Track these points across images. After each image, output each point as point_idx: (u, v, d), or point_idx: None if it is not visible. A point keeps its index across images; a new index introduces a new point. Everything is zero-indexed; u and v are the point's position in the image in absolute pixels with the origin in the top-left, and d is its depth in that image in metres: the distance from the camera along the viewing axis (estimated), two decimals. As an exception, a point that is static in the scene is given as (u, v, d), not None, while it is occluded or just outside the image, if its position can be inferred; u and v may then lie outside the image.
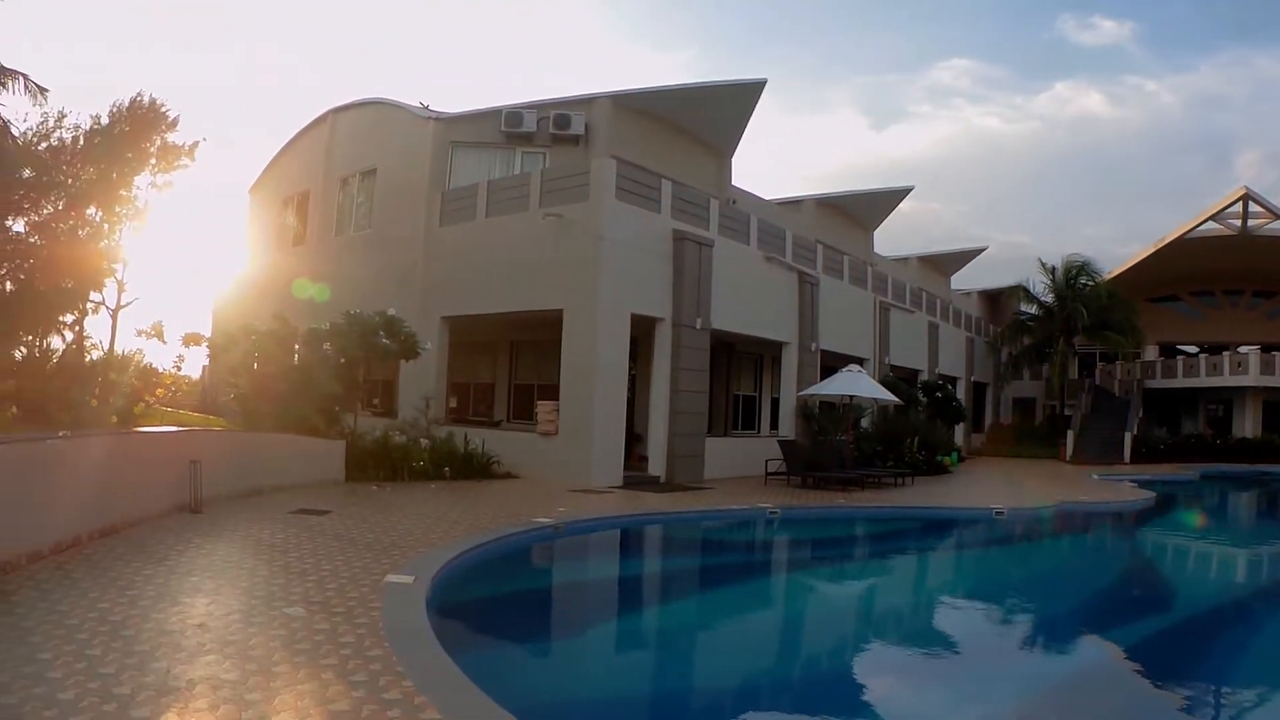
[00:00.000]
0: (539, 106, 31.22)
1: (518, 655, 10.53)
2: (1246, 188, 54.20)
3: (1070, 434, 52.47)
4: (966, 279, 64.77)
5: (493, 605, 13.01)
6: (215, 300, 44.33)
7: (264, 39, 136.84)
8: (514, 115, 30.86)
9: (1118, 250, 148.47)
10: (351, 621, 8.94)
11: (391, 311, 25.24)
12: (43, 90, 27.89)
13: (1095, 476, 38.10)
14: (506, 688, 7.54)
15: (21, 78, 27.33)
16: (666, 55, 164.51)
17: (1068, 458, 50.42)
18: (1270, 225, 56.66)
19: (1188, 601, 17.03)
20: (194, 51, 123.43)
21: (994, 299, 66.58)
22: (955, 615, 15.04)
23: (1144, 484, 34.35)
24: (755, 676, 10.56)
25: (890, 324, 41.63)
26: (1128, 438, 51.81)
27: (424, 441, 24.52)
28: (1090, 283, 54.47)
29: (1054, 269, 55.31)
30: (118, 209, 31.24)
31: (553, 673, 10.14)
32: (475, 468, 24.90)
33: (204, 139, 35.04)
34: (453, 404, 31.19)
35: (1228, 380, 56.84)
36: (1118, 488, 33.09)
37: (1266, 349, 57.94)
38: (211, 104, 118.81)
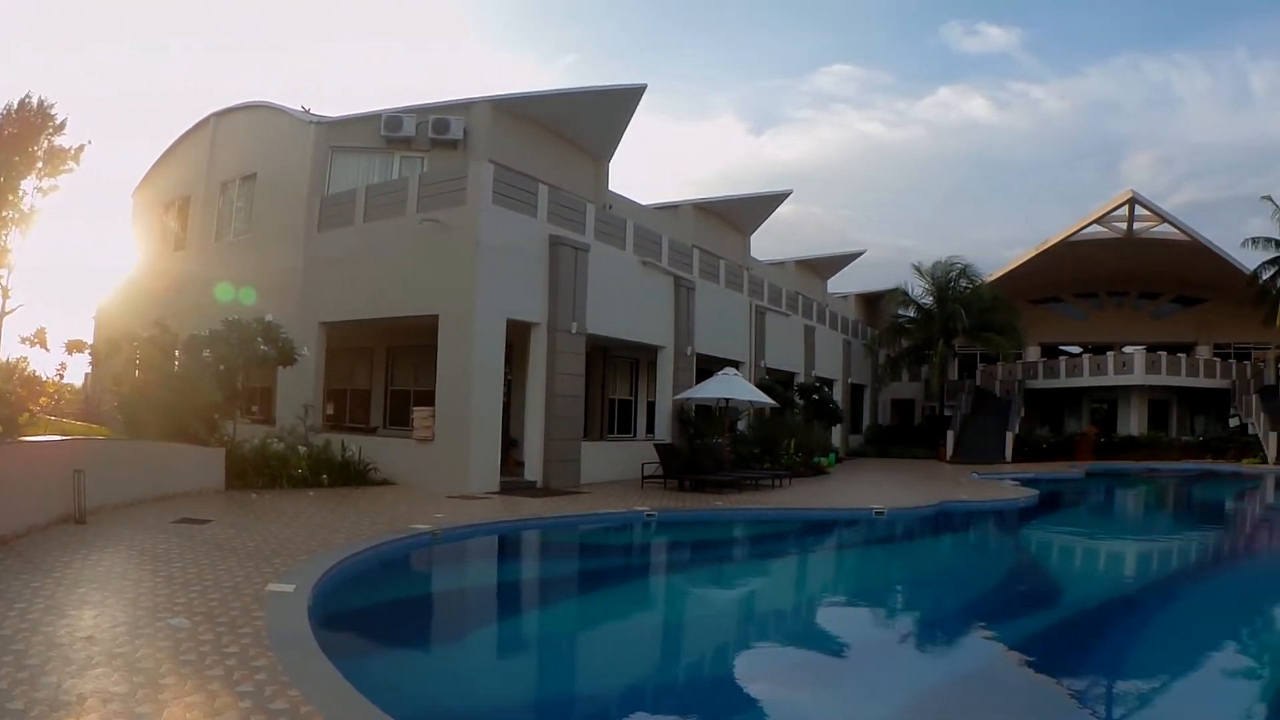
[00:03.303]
0: (419, 111, 31.23)
1: (401, 662, 10.67)
2: (1133, 191, 56.22)
3: (950, 434, 53.58)
4: (846, 282, 65.67)
5: (374, 612, 13.11)
6: (98, 306, 43.62)
7: (152, 40, 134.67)
8: (394, 119, 30.87)
9: (1005, 253, 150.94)
10: (235, 632, 9.05)
11: (269, 317, 25.11)
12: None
13: (975, 476, 39.01)
14: (391, 695, 7.74)
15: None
16: (549, 62, 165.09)
17: (948, 457, 51.50)
18: (1156, 229, 58.55)
19: (1070, 598, 17.45)
20: (78, 51, 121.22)
21: (872, 301, 67.82)
22: (836, 617, 15.32)
23: (1027, 482, 35.19)
24: (636, 681, 10.71)
25: (766, 327, 42.15)
26: (1009, 437, 53.13)
27: (302, 449, 24.49)
28: (969, 285, 55.52)
29: (936, 263, 56.46)
30: (3, 213, 30.69)
31: (435, 679, 10.25)
32: (352, 475, 24.94)
33: (89, 141, 34.55)
34: (330, 411, 30.97)
35: (1112, 379, 58.91)
36: (999, 486, 33.88)
37: (1152, 348, 59.97)
38: (96, 106, 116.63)
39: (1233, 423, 58.21)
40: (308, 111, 32.72)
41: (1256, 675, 11.48)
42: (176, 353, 24.44)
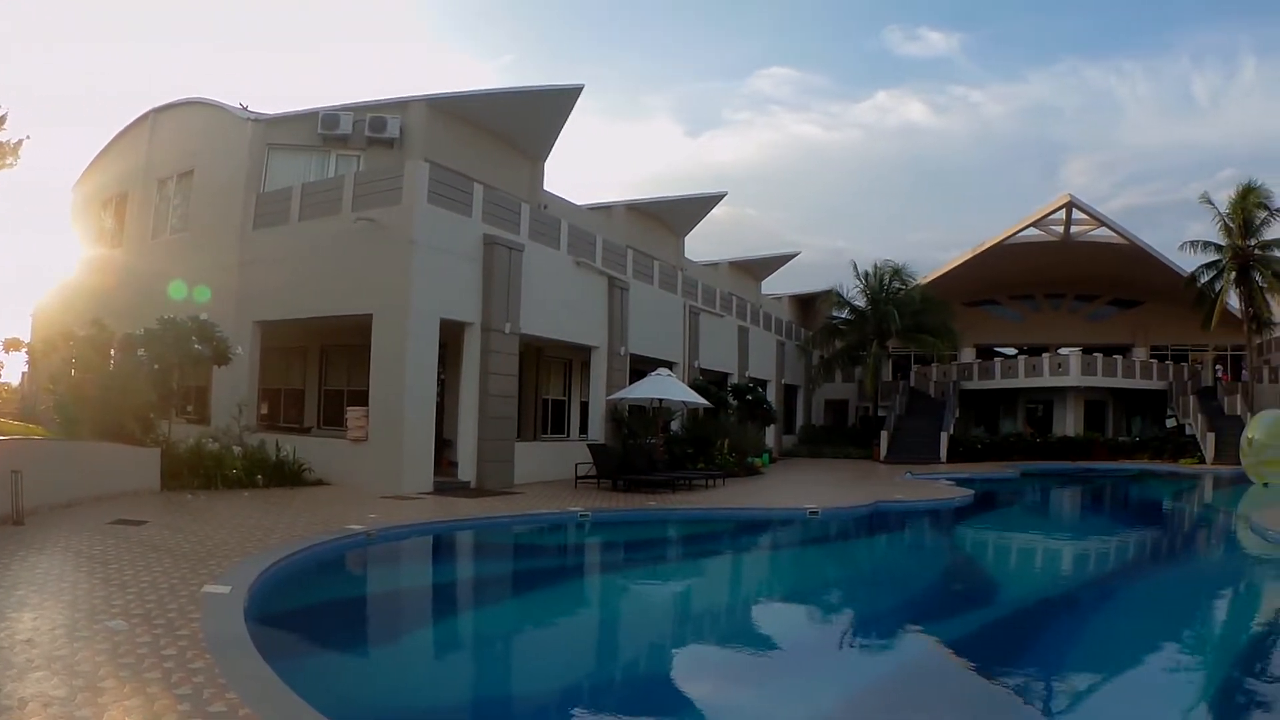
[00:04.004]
0: (355, 109, 31.24)
1: (337, 663, 10.76)
2: (1071, 195, 57.09)
3: (884, 434, 53.96)
4: (780, 283, 65.82)
5: (310, 614, 13.17)
6: (36, 304, 42.88)
7: (98, 36, 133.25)
8: (331, 118, 30.84)
9: (942, 255, 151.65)
10: (173, 634, 9.10)
11: (204, 316, 25.06)
12: None
13: (909, 475, 39.37)
14: (327, 697, 7.84)
15: None
16: (486, 61, 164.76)
17: (882, 458, 51.84)
18: (1094, 232, 59.41)
19: (1003, 596, 17.77)
20: (17, 46, 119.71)
21: (806, 303, 68.04)
22: (769, 616, 15.47)
23: (962, 482, 35.30)
24: (571, 681, 10.82)
25: (700, 328, 42.46)
26: (944, 437, 53.56)
27: (237, 449, 24.46)
28: (901, 287, 55.96)
29: (867, 273, 56.74)
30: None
31: (371, 680, 10.33)
32: (287, 475, 24.92)
33: (28, 137, 33.98)
34: (264, 410, 30.90)
35: (1048, 381, 59.52)
36: (934, 486, 34.12)
37: (1088, 350, 60.79)
38: (36, 102, 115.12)
39: (1169, 423, 58.94)
40: (245, 109, 32.53)
41: (1183, 670, 11.72)
42: (112, 352, 24.35)
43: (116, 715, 6.85)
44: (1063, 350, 63.54)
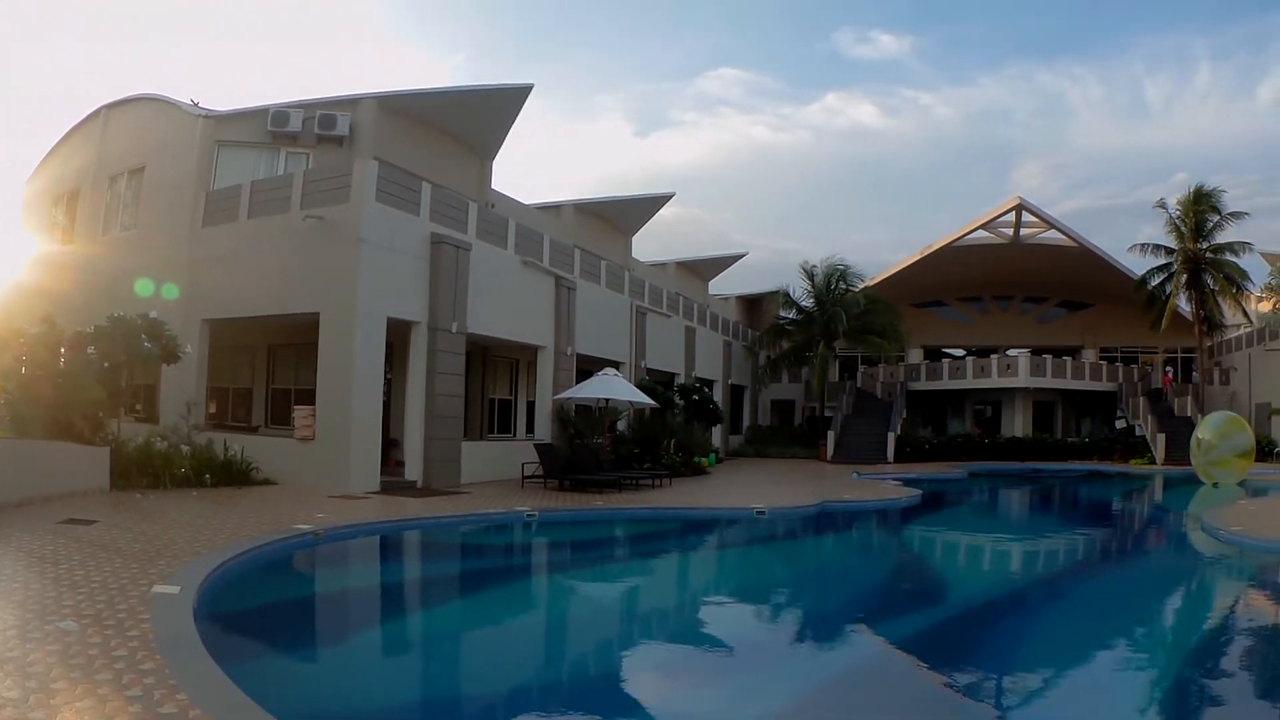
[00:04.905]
0: (305, 106, 31.23)
1: (286, 663, 10.81)
2: (1020, 198, 57.49)
3: (831, 434, 54.23)
4: (728, 284, 66.17)
5: (259, 613, 13.23)
6: None
7: (48, 34, 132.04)
8: (280, 115, 30.85)
9: (891, 257, 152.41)
10: (123, 634, 9.15)
11: (153, 314, 25.02)
12: None
13: (856, 475, 39.75)
14: (277, 697, 7.97)
15: None
16: (438, 60, 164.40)
17: (828, 458, 52.04)
18: (1043, 234, 59.92)
19: (951, 595, 17.93)
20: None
21: (753, 303, 68.19)
22: (715, 616, 15.47)
23: (909, 482, 35.64)
24: (518, 680, 10.89)
25: (647, 328, 42.70)
26: (891, 438, 53.81)
27: (185, 448, 24.46)
28: (846, 289, 56.08)
29: (813, 272, 56.89)
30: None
31: (321, 680, 10.43)
32: (235, 474, 24.88)
33: None
34: (212, 409, 30.78)
35: (997, 382, 59.91)
36: (881, 486, 34.36)
37: (1037, 352, 61.35)
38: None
39: (1119, 425, 59.67)
40: (196, 105, 32.46)
41: (1135, 670, 11.90)
42: (62, 350, 24.30)
43: (69, 717, 6.93)
44: (1011, 351, 64.30)
